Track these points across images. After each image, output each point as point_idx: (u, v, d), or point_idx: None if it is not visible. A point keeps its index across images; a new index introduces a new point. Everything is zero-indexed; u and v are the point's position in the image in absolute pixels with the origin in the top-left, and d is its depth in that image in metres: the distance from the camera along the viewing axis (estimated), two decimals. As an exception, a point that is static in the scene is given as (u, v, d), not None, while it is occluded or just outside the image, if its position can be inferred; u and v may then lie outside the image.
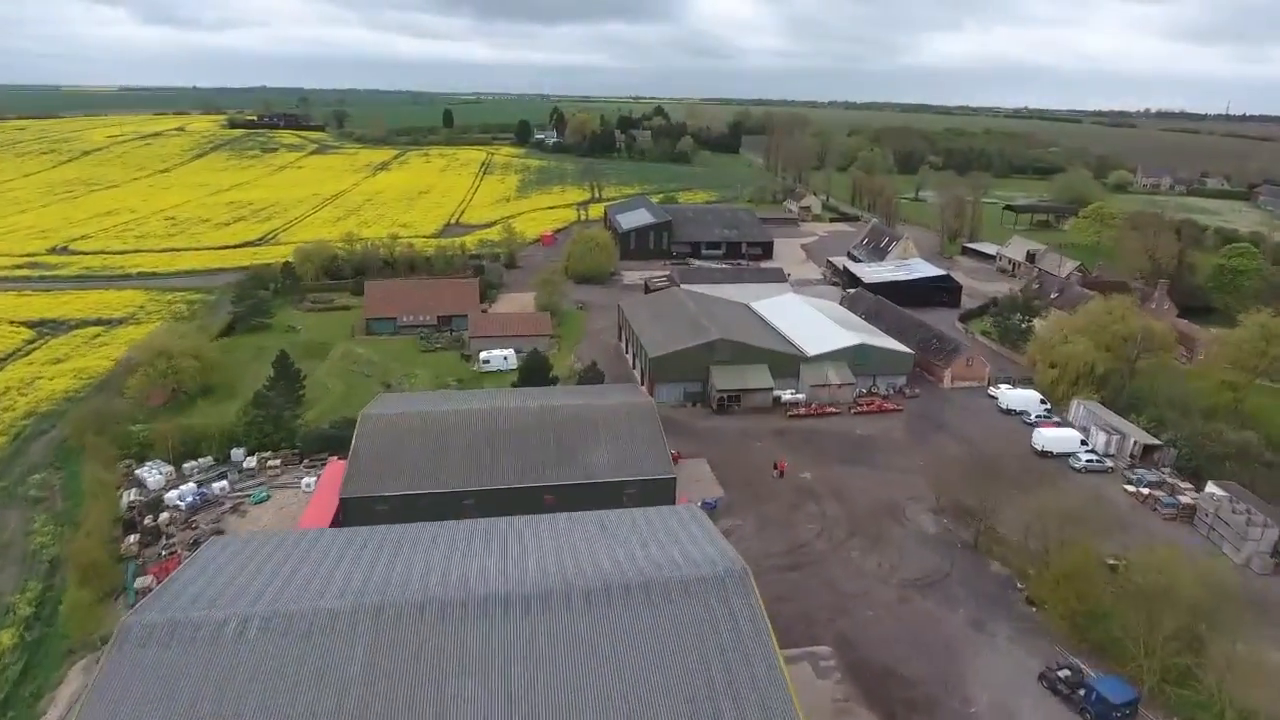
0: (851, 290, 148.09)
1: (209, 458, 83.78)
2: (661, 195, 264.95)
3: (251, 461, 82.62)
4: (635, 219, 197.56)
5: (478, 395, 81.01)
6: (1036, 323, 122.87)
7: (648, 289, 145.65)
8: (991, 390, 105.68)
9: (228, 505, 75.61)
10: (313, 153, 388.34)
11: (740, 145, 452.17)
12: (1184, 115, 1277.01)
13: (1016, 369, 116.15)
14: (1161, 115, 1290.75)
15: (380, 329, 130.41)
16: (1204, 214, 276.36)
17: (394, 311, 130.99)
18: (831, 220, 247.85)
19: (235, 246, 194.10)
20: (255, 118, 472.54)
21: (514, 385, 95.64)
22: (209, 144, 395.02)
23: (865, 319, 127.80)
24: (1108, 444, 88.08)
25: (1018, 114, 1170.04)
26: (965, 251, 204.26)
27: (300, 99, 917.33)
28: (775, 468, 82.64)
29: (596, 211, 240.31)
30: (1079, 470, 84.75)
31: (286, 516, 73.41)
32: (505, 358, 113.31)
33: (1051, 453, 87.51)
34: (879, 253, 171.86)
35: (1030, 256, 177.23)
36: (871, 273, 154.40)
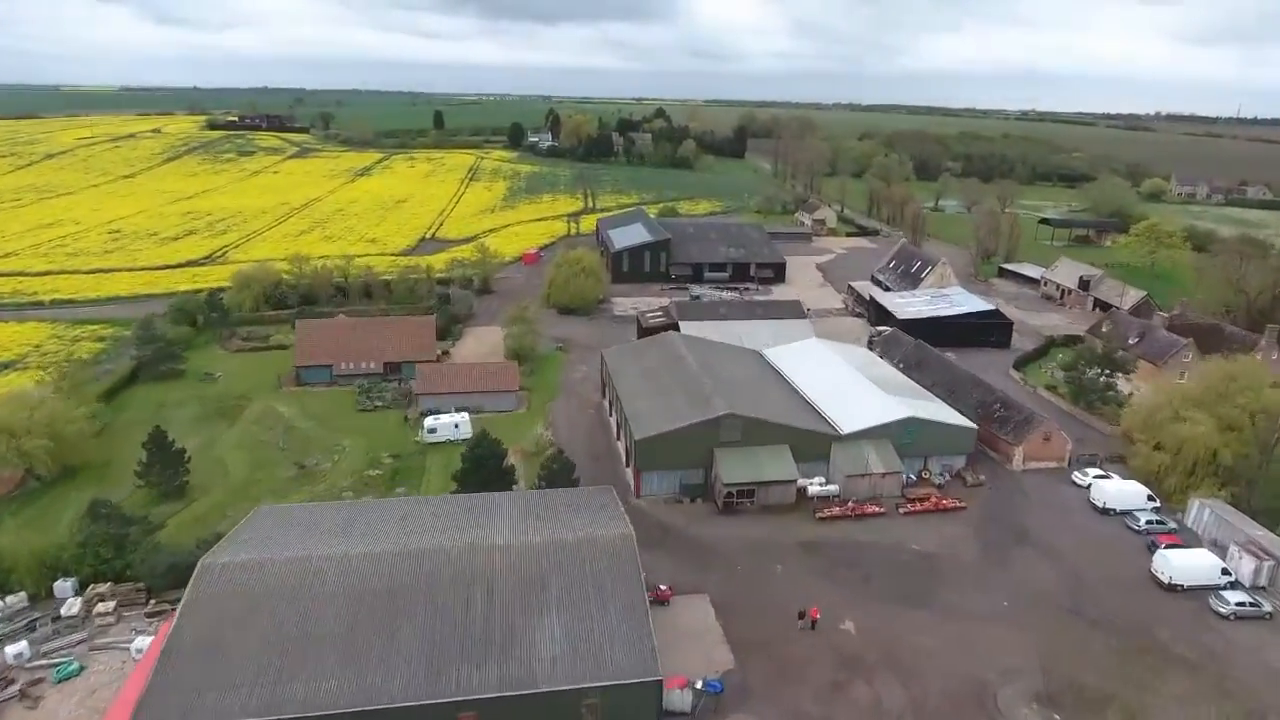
0: (882, 330, 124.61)
1: (22, 594, 60.57)
2: (661, 206, 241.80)
3: (77, 604, 59.38)
4: (630, 236, 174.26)
5: (386, 513, 57.75)
6: (1119, 379, 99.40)
7: (641, 328, 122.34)
8: (1077, 476, 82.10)
9: (18, 685, 52.34)
10: (292, 156, 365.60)
11: (746, 150, 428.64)
12: (1194, 119, 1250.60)
13: (1097, 440, 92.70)
14: (1171, 118, 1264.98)
15: (313, 378, 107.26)
16: (1250, 227, 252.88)
17: (330, 357, 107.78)
18: (848, 235, 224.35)
19: (175, 266, 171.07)
20: (237, 119, 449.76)
21: (455, 479, 72.33)
22: (183, 147, 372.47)
23: (903, 369, 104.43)
24: (1257, 573, 64.57)
25: (1025, 116, 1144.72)
26: (1003, 274, 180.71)
27: (296, 99, 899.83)
28: (804, 616, 59.23)
29: (589, 224, 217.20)
30: (1226, 616, 61.20)
31: (96, 707, 50.23)
32: (456, 425, 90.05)
33: (1183, 586, 63.95)
34: (910, 279, 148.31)
35: (1084, 283, 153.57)
36: (905, 305, 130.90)
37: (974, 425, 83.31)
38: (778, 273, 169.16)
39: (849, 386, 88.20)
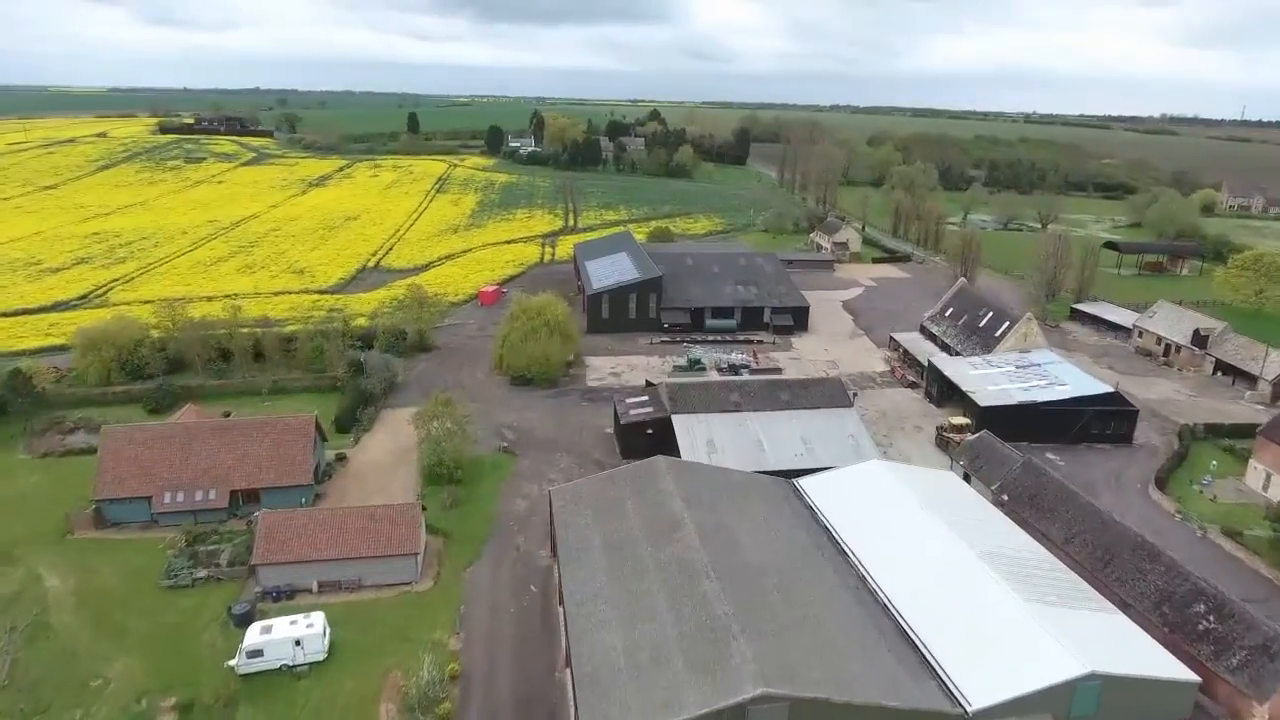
0: (963, 428, 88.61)
1: None
2: (653, 226, 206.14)
3: None
4: (611, 271, 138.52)
5: None
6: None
7: (620, 424, 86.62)
8: (1376, 767, 46.38)
9: None
10: (246, 163, 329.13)
11: (748, 156, 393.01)
12: (1198, 120, 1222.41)
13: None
14: (1175, 120, 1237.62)
15: (124, 516, 71.40)
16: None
17: (149, 485, 71.73)
18: (875, 260, 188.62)
19: (36, 311, 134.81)
20: (192, 121, 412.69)
21: None
22: (124, 153, 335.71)
23: (1008, 505, 69.12)
24: None
25: (1030, 118, 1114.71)
26: (1075, 316, 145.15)
27: (279, 100, 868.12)
28: None
29: (565, 249, 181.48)
30: None
31: None
32: (298, 641, 53.89)
33: None
34: (979, 336, 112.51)
35: (1199, 338, 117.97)
36: (984, 382, 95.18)
37: (1197, 679, 47.40)
38: (798, 319, 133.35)
39: (958, 580, 52.37)
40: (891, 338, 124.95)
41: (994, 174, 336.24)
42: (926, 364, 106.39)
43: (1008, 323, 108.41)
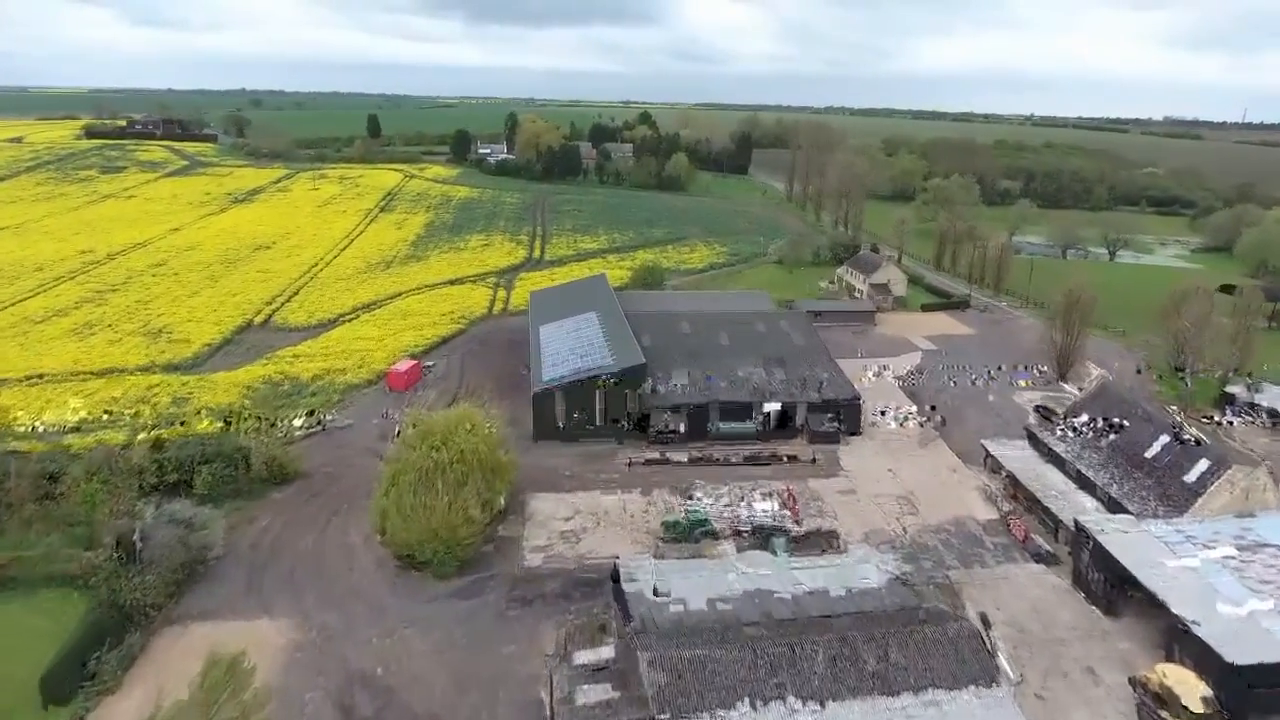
0: (1205, 708, 46.61)
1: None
2: (639, 259, 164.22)
3: None
4: (573, 345, 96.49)
5: None
6: None
7: (554, 712, 44.53)
8: None
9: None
10: (173, 173, 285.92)
11: (750, 164, 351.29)
12: (1199, 123, 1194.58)
13: None
14: (1176, 122, 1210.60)
15: None
16: None
17: None
18: (924, 307, 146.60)
19: None
20: (125, 124, 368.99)
21: None
22: (33, 161, 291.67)
23: None
24: None
25: (1031, 121, 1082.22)
26: (1225, 402, 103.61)
27: (253, 101, 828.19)
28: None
29: (524, 294, 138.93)
30: None
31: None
32: None
33: None
34: (1146, 474, 70.57)
35: None
36: (1197, 585, 53.33)
37: None
38: (848, 417, 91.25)
39: None
40: (988, 455, 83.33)
41: (1030, 186, 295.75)
42: (1074, 529, 64.53)
43: (1206, 462, 66.31)
